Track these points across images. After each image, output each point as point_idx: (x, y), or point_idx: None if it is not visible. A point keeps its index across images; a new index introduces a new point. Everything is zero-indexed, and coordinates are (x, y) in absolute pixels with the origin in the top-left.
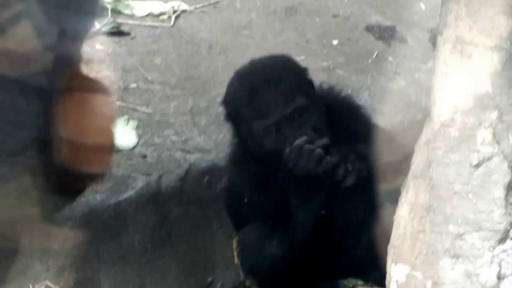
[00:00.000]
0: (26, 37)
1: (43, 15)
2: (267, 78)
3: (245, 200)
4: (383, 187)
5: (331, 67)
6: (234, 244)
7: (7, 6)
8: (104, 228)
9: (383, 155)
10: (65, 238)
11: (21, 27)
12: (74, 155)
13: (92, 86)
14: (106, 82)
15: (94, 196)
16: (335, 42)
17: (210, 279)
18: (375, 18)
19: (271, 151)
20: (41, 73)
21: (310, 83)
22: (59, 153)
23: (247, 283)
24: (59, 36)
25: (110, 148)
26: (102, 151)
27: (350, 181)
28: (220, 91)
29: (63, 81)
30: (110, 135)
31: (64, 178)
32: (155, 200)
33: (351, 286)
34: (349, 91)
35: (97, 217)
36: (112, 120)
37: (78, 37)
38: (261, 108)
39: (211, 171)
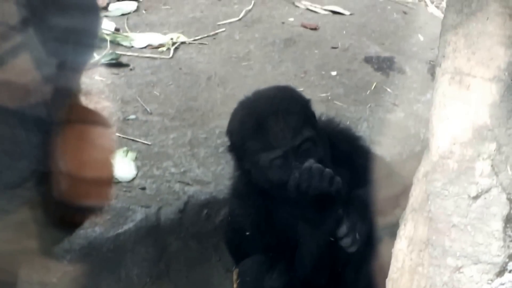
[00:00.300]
0: (25, 69)
1: (42, 47)
2: (274, 109)
3: (247, 233)
4: (381, 221)
5: (329, 98)
6: (234, 276)
7: (6, 38)
8: (103, 261)
9: (382, 187)
10: (63, 272)
11: (20, 59)
12: (73, 188)
13: (91, 118)
14: (105, 113)
15: (93, 228)
16: (333, 73)
17: None
18: (374, 50)
19: (276, 182)
20: (40, 105)
21: (314, 115)
22: (58, 186)
23: None
24: (58, 68)
25: (110, 181)
26: (101, 184)
27: (355, 248)
28: (219, 122)
29: (62, 112)
30: (109, 167)
31: (62, 211)
32: (154, 233)
33: None
34: (348, 123)
35: (96, 250)
36: (111, 152)
37: (77, 68)
38: (269, 139)
39: (210, 203)
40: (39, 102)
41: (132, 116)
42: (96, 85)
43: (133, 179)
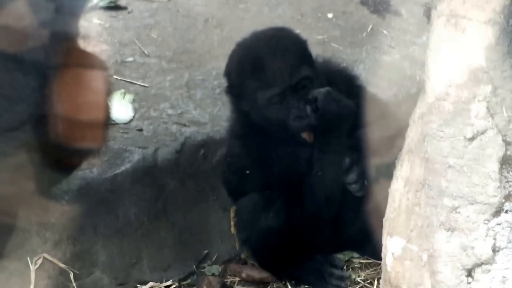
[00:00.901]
0: (22, 13)
1: None
2: (272, 48)
3: (246, 172)
4: (377, 162)
5: (326, 40)
6: (232, 215)
7: None
8: (101, 201)
9: (379, 127)
10: (62, 212)
11: (17, 3)
12: (69, 130)
13: (88, 61)
14: (103, 56)
15: (91, 169)
16: (330, 15)
17: (206, 251)
18: None
19: (275, 121)
20: (38, 49)
21: (311, 55)
22: (55, 128)
23: (243, 255)
24: (55, 11)
25: (106, 122)
26: (97, 126)
27: (362, 193)
28: (215, 64)
29: (59, 56)
30: (105, 110)
31: (60, 153)
32: (151, 173)
33: (346, 259)
34: (344, 64)
35: (93, 190)
36: (107, 95)
37: (75, 12)
38: (267, 78)
39: (207, 144)
40: (37, 46)
41: (130, 59)
42: (94, 28)
43: (131, 120)
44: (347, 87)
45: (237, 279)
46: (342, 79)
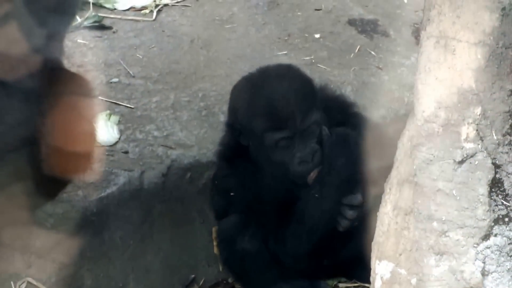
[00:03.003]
0: (15, 39)
1: (29, 17)
2: (285, 90)
3: (232, 194)
4: (373, 192)
5: (313, 61)
6: (214, 235)
7: None
8: (86, 224)
9: (378, 157)
10: (46, 235)
11: (10, 29)
12: (57, 157)
13: (74, 83)
14: (88, 76)
15: (76, 192)
16: (317, 36)
17: (192, 276)
18: (357, 12)
19: (279, 162)
20: (28, 75)
21: (317, 96)
22: (43, 155)
23: (230, 279)
24: (46, 37)
25: (91, 150)
26: (83, 154)
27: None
28: (202, 85)
29: (50, 82)
30: (91, 137)
31: (45, 178)
32: (138, 196)
33: (334, 284)
34: (332, 86)
35: (79, 213)
36: (93, 122)
37: (61, 35)
38: (277, 121)
39: (193, 167)
40: (28, 72)
41: (115, 80)
42: (79, 48)
43: (116, 142)
44: (343, 115)
45: None
46: (338, 106)
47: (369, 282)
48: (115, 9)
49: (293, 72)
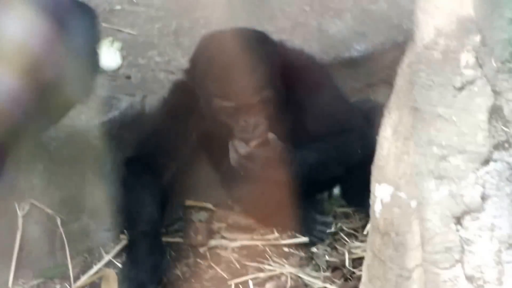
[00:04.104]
0: None
1: None
2: (240, 60)
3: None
4: None
5: None
6: None
7: None
8: (89, 148)
9: None
10: (49, 158)
11: None
12: None
13: None
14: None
15: (79, 116)
16: None
17: None
18: None
19: (220, 125)
20: None
21: (278, 68)
22: None
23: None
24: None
25: None
26: None
27: None
28: (203, 12)
29: None
30: None
31: None
32: (139, 121)
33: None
34: (331, 13)
35: (81, 137)
36: None
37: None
38: (227, 89)
39: None
40: None
41: (118, 7)
42: None
43: (119, 68)
44: (306, 74)
45: (224, 225)
46: (299, 66)
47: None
48: None
49: (256, 43)
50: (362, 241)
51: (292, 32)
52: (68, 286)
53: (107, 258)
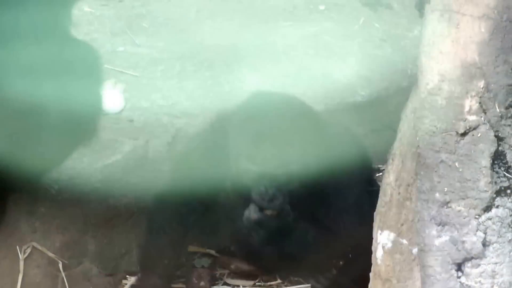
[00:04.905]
0: None
1: None
2: (279, 130)
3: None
4: None
5: (318, 33)
6: None
7: None
8: (91, 191)
9: None
10: (51, 201)
11: None
12: None
13: None
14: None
15: (81, 159)
16: (322, 7)
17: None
18: None
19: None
20: None
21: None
22: None
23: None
24: None
25: None
26: None
27: None
28: (207, 55)
29: None
30: None
31: None
32: (142, 165)
33: None
34: (336, 57)
35: (84, 180)
36: None
37: None
38: (257, 153)
39: None
40: None
41: (121, 48)
42: (85, 16)
43: (121, 111)
44: None
45: (227, 271)
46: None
47: None
48: None
49: (300, 118)
50: None
51: (297, 75)
52: None
53: None
